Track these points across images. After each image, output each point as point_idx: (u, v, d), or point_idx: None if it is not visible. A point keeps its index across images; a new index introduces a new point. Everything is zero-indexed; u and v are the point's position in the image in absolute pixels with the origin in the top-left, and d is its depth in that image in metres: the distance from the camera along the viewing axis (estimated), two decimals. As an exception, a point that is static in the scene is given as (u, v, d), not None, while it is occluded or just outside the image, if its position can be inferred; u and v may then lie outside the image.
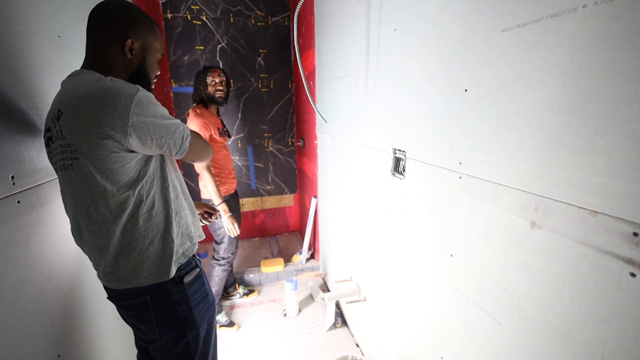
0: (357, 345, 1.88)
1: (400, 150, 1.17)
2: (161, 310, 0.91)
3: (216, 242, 2.05)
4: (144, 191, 0.84)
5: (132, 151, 0.79)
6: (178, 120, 0.86)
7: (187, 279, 0.94)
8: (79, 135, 0.75)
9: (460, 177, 0.86)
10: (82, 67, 0.86)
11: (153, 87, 0.97)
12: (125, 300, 0.90)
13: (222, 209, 1.80)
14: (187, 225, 0.96)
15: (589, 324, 0.56)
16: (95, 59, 0.85)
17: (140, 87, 0.78)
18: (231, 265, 2.12)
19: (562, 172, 0.58)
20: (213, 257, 2.08)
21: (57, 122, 0.77)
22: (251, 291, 2.42)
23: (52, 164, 0.86)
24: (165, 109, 0.84)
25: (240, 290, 2.38)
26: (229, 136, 2.01)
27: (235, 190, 2.10)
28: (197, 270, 0.98)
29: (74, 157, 0.77)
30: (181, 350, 0.96)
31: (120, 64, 0.87)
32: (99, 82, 0.77)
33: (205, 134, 1.79)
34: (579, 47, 0.54)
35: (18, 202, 0.82)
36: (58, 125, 0.77)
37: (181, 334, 0.94)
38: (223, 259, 2.05)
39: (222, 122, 1.99)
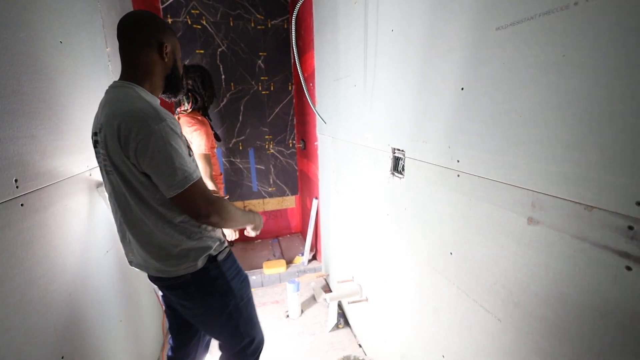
0: (360, 346, 1.88)
1: (399, 150, 1.18)
2: (203, 286, 1.02)
3: None
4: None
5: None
6: (185, 167, 0.88)
7: (220, 257, 1.05)
8: (111, 150, 0.88)
9: (458, 175, 0.86)
10: (122, 77, 0.96)
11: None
12: (168, 281, 1.01)
13: None
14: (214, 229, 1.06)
15: (587, 318, 0.56)
16: (135, 67, 0.95)
17: (167, 122, 0.86)
18: None
19: (558, 168, 0.59)
20: None
21: (100, 133, 0.90)
22: None
23: (98, 163, 1.00)
24: (181, 148, 0.88)
25: None
26: (219, 140, 2.01)
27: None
28: (228, 248, 1.09)
29: (111, 166, 0.91)
30: (226, 320, 1.09)
31: (159, 68, 0.99)
32: (132, 103, 0.87)
33: (208, 144, 1.77)
34: (572, 44, 0.55)
35: (21, 205, 0.83)
36: (101, 136, 0.90)
37: (224, 305, 1.07)
38: None
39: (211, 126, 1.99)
